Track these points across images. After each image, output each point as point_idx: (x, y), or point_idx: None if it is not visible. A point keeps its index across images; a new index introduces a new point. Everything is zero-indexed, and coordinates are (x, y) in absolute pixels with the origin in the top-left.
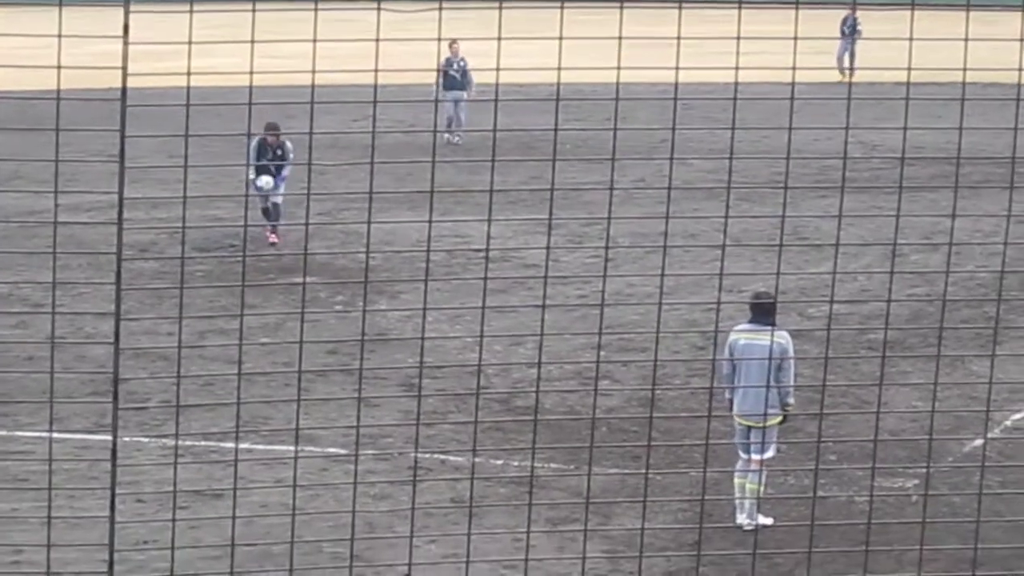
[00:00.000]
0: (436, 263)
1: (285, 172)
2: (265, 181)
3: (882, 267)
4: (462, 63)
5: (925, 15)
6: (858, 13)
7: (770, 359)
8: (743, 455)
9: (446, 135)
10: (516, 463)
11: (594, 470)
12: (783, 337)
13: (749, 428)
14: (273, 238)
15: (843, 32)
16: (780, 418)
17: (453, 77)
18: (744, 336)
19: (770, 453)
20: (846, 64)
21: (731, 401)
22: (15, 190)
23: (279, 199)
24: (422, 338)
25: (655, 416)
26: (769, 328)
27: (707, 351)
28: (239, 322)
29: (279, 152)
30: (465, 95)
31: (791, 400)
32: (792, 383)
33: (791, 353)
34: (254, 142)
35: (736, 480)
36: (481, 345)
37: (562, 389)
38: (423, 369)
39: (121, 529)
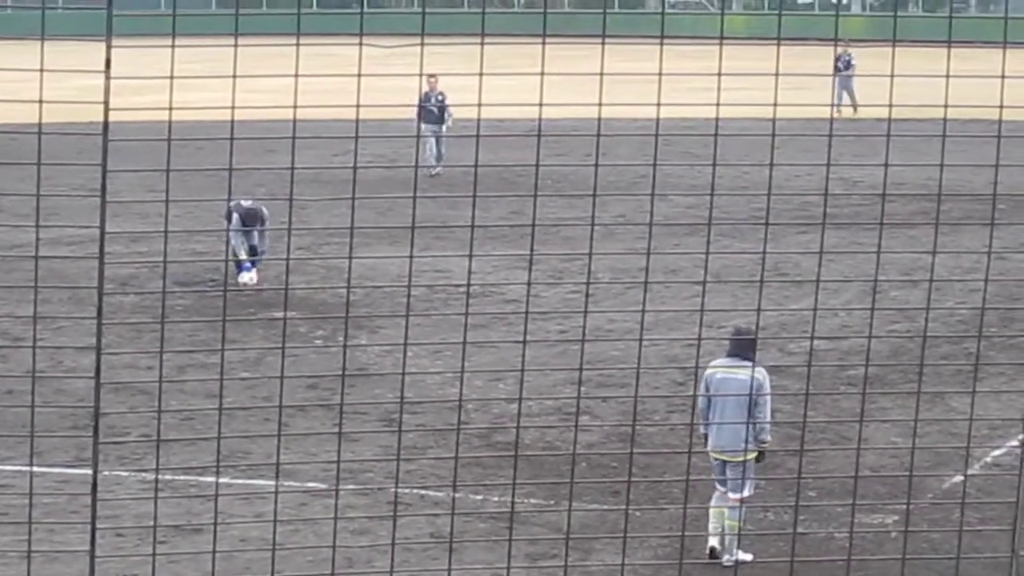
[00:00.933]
0: (416, 298)
1: (266, 245)
2: (248, 278)
3: (862, 303)
4: (440, 97)
5: (905, 52)
6: (851, 49)
7: (751, 395)
8: (720, 488)
9: (431, 169)
10: (496, 498)
11: (574, 505)
12: (760, 372)
13: (725, 463)
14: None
15: (837, 69)
16: (756, 454)
17: (431, 111)
18: (721, 371)
19: (747, 491)
20: (845, 100)
21: (706, 436)
22: None
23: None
24: (402, 373)
25: (635, 452)
26: (747, 363)
27: (687, 387)
28: (219, 356)
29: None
30: (444, 129)
31: (767, 437)
32: (768, 419)
33: (767, 389)
34: (236, 216)
35: (712, 509)
36: (462, 380)
37: (542, 425)
38: (403, 404)
39: (101, 563)
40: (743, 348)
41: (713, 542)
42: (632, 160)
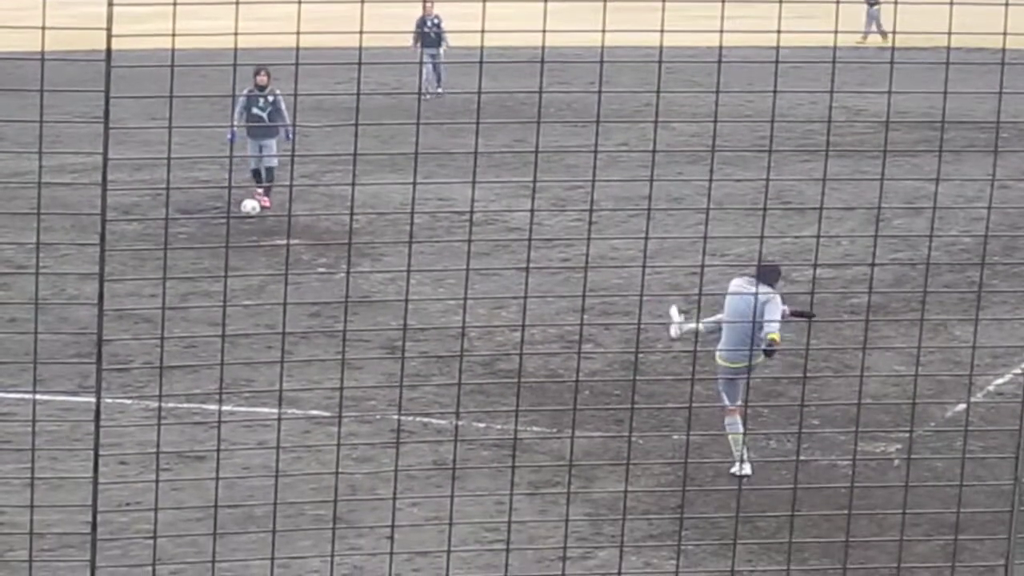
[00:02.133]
0: (419, 226)
1: (286, 132)
2: (251, 206)
3: (865, 231)
4: (435, 21)
5: None
6: None
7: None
8: (728, 403)
9: (428, 93)
10: (499, 426)
11: (577, 434)
12: (766, 296)
13: (729, 369)
14: (265, 202)
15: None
16: (761, 357)
17: (427, 35)
18: (735, 285)
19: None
20: (873, 28)
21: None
22: None
23: (274, 162)
24: (405, 300)
25: (638, 380)
26: (764, 287)
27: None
28: (222, 284)
29: (271, 99)
30: (441, 52)
31: (771, 328)
32: (775, 319)
33: (772, 305)
34: (240, 100)
35: (731, 436)
36: (464, 308)
37: (545, 352)
38: (406, 332)
39: (104, 491)
40: (763, 274)
41: (744, 469)
42: (635, 88)
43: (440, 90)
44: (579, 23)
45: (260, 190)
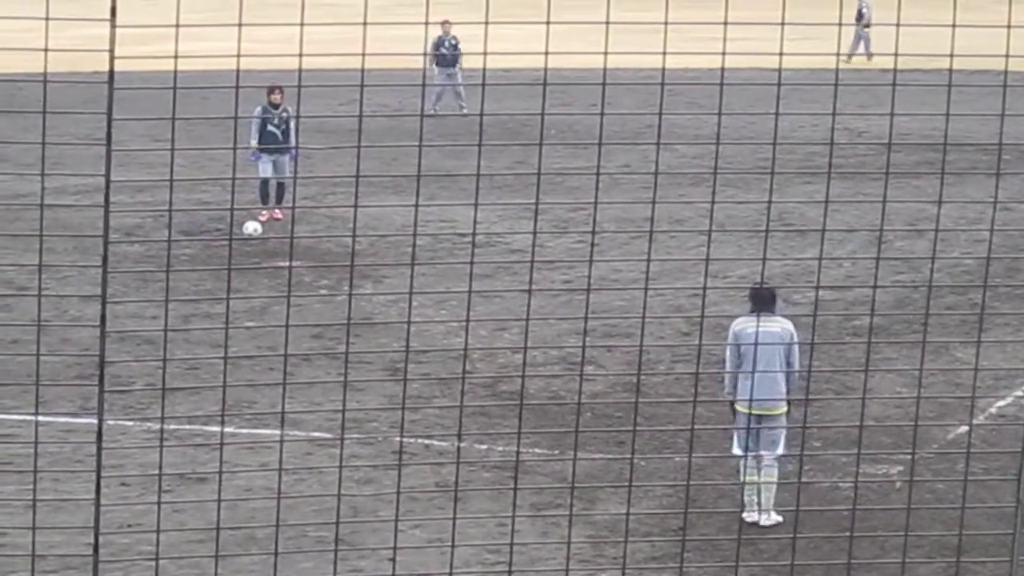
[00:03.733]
0: (421, 248)
1: (292, 148)
2: (253, 228)
3: (867, 253)
4: (453, 41)
5: (912, 2)
6: None
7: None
8: (748, 451)
9: (434, 107)
10: (500, 448)
11: (578, 455)
12: (790, 324)
13: (760, 418)
14: (278, 214)
15: (859, 17)
16: (787, 407)
17: (444, 55)
18: (750, 326)
19: (783, 447)
20: (860, 50)
21: (734, 392)
22: (0, 173)
23: (286, 180)
24: (408, 322)
25: (640, 401)
26: (776, 317)
27: (692, 336)
28: (224, 306)
29: (284, 116)
30: (458, 71)
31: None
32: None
33: (796, 338)
34: (257, 110)
35: (748, 481)
36: (467, 330)
37: (547, 374)
38: (408, 353)
39: (106, 512)
40: (767, 302)
41: (755, 516)
42: (637, 110)
43: (465, 108)
44: (582, 45)
45: (264, 211)
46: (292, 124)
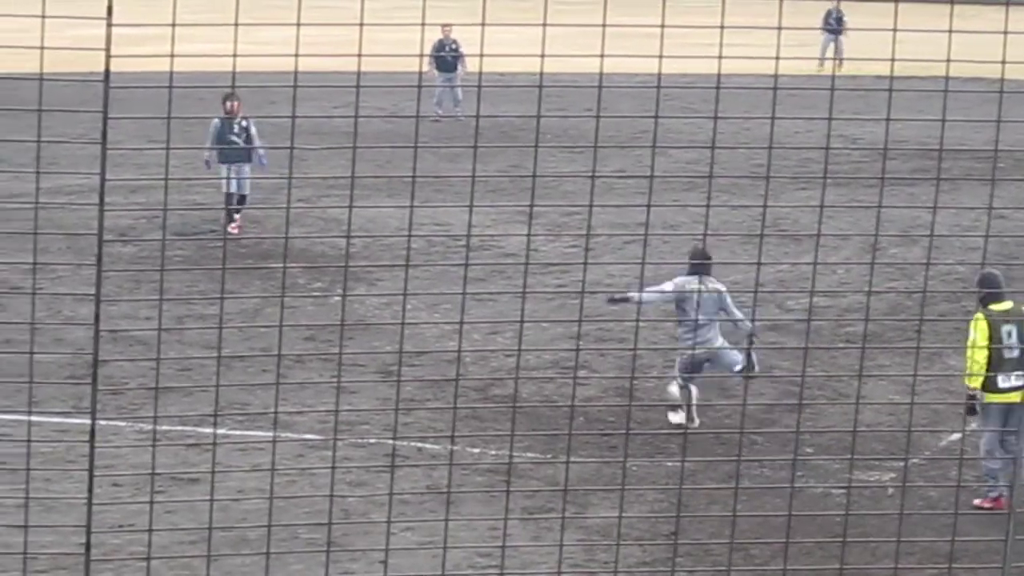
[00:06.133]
0: (415, 250)
1: (260, 158)
2: (233, 227)
3: (861, 260)
4: (454, 46)
5: (907, 9)
6: (843, 6)
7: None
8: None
9: (436, 111)
10: (493, 452)
11: (571, 459)
12: (720, 284)
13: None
14: (234, 228)
15: (827, 23)
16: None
17: (445, 59)
18: (693, 282)
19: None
20: (829, 54)
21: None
22: None
23: (247, 188)
24: (401, 324)
25: (632, 406)
26: (712, 279)
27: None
28: (218, 307)
29: (244, 124)
30: (458, 76)
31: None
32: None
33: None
34: (213, 123)
35: (677, 389)
36: (460, 333)
37: (540, 378)
38: (401, 356)
39: (98, 512)
40: (706, 268)
41: (682, 417)
42: (633, 114)
43: (459, 112)
44: (578, 49)
45: (233, 225)
46: (253, 130)
